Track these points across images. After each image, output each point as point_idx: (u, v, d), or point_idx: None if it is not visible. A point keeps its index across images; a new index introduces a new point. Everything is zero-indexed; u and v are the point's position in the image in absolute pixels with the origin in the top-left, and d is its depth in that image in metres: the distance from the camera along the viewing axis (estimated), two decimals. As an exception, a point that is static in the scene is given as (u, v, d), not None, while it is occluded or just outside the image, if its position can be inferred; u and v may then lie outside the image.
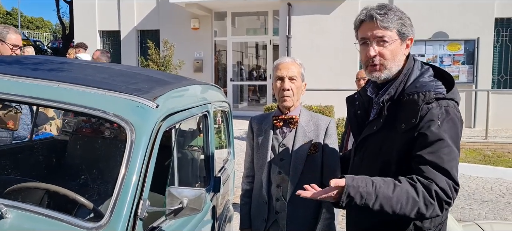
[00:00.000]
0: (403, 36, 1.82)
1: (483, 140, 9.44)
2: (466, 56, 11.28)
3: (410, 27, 1.83)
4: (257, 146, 2.52)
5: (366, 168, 1.89)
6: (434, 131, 1.68)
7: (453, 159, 1.69)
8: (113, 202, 1.61)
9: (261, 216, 2.50)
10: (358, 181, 1.69)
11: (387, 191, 1.66)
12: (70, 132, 3.42)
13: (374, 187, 1.67)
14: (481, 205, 6.08)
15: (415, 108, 1.72)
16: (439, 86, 1.77)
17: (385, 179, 1.71)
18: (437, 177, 1.66)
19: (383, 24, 1.76)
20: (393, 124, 1.79)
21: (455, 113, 1.74)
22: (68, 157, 3.14)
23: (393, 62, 1.82)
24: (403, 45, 1.84)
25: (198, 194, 1.73)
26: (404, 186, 1.67)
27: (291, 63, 2.44)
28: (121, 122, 1.74)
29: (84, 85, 1.89)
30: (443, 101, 1.73)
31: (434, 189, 1.65)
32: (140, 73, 2.44)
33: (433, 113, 1.70)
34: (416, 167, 1.71)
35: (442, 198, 1.66)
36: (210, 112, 2.69)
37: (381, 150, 1.83)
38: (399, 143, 1.76)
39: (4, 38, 3.48)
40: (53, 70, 2.20)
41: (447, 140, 1.68)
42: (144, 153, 1.72)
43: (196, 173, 2.89)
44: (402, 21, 1.80)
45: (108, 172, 1.88)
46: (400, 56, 1.83)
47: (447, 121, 1.70)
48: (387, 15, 1.77)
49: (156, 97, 1.92)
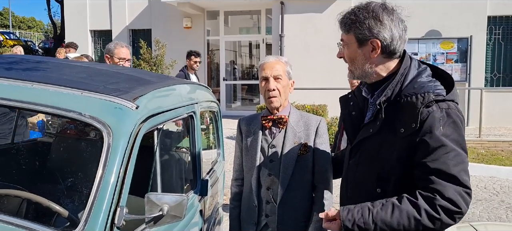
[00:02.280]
0: (360, 40, 1.72)
1: (476, 138, 9.42)
2: (459, 54, 11.26)
3: (373, 29, 1.69)
4: (246, 147, 2.44)
5: (363, 173, 1.82)
6: (436, 136, 1.58)
7: (460, 163, 1.59)
8: (88, 210, 1.51)
9: (251, 220, 2.43)
10: (354, 213, 1.65)
11: (385, 216, 1.60)
12: (54, 133, 3.31)
13: (371, 214, 1.62)
14: (475, 204, 6.04)
15: (414, 112, 1.63)
16: (438, 87, 1.67)
17: (384, 202, 1.64)
18: (444, 187, 1.56)
19: (341, 28, 1.76)
20: (392, 127, 1.69)
21: (457, 114, 1.64)
22: (51, 160, 3.03)
23: (353, 66, 1.78)
24: (363, 49, 1.73)
25: (179, 200, 1.63)
26: (404, 206, 1.60)
27: (275, 62, 2.36)
28: (97, 124, 1.64)
29: (60, 86, 1.79)
30: (443, 103, 1.63)
31: (438, 203, 1.56)
32: (122, 72, 2.33)
33: (434, 117, 1.60)
34: (420, 177, 1.62)
35: (450, 209, 1.56)
36: (197, 113, 2.60)
37: (379, 154, 1.73)
38: (399, 147, 1.67)
39: (112, 54, 3.83)
40: (28, 69, 2.09)
41: (451, 144, 1.58)
42: (122, 157, 1.62)
43: (182, 176, 2.80)
44: (357, 24, 1.70)
45: (88, 177, 1.78)
46: (361, 60, 1.75)
47: (449, 124, 1.60)
48: (346, 18, 1.74)
49: (136, 97, 1.82)
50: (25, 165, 2.75)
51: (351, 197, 1.87)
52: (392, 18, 1.69)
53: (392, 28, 1.69)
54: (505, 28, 11.45)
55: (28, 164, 2.74)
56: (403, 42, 1.73)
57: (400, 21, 1.72)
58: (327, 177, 2.37)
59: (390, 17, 1.69)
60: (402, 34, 1.72)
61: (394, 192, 1.67)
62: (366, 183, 1.79)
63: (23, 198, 2.04)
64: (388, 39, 1.69)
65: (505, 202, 6.20)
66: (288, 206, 2.33)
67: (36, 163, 2.84)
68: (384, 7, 1.70)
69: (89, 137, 2.94)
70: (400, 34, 1.71)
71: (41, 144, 3.29)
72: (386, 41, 1.69)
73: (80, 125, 3.08)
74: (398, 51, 1.73)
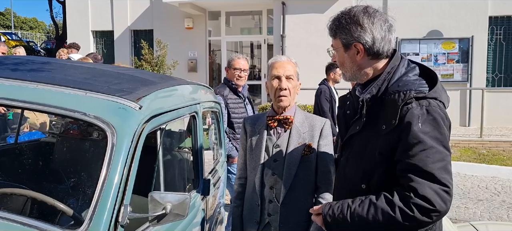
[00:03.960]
0: (345, 45, 1.79)
1: (478, 138, 9.42)
2: (460, 54, 11.26)
3: (354, 33, 1.74)
4: (250, 147, 2.46)
5: (351, 169, 1.85)
6: (414, 133, 1.59)
7: (439, 160, 1.58)
8: (92, 208, 1.54)
9: (254, 218, 2.44)
10: (334, 208, 1.72)
11: (362, 212, 1.65)
12: (57, 133, 3.33)
13: (349, 210, 1.68)
14: (476, 204, 6.05)
15: (395, 108, 1.65)
16: (422, 85, 1.69)
17: (364, 198, 1.68)
18: (419, 184, 1.56)
19: (329, 33, 1.85)
20: (375, 124, 1.72)
21: (438, 112, 1.63)
22: (55, 160, 3.06)
23: (343, 69, 1.87)
24: (349, 53, 1.79)
25: (182, 199, 1.65)
26: (380, 203, 1.63)
27: (287, 62, 2.39)
28: (101, 124, 1.67)
29: (64, 86, 1.81)
30: (424, 100, 1.64)
31: (412, 201, 1.56)
32: (125, 73, 2.36)
33: (413, 114, 1.61)
34: (399, 174, 1.64)
35: (424, 207, 1.55)
36: (199, 113, 2.62)
37: (365, 150, 1.76)
38: (381, 144, 1.68)
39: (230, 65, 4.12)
40: (33, 70, 2.12)
41: (429, 141, 1.58)
42: (126, 157, 1.64)
43: (185, 176, 2.82)
44: (341, 29, 1.78)
45: (92, 176, 1.80)
46: (348, 63, 1.82)
47: (428, 121, 1.60)
48: (332, 24, 1.82)
49: (140, 98, 1.84)
50: (29, 165, 2.77)
51: (340, 192, 1.93)
52: (372, 21, 1.73)
53: (373, 31, 1.73)
54: (506, 28, 11.43)
55: (31, 164, 2.77)
56: (388, 43, 1.76)
57: (383, 22, 1.75)
58: (329, 178, 2.39)
59: (371, 20, 1.73)
60: (385, 35, 1.75)
61: (378, 188, 1.69)
62: (353, 179, 1.82)
63: (28, 197, 2.07)
64: (370, 42, 1.74)
65: (507, 202, 6.20)
66: (290, 206, 2.34)
67: (40, 162, 2.87)
68: (365, 11, 1.75)
69: (92, 137, 2.96)
70: (383, 35, 1.74)
71: (45, 144, 3.32)
72: (367, 44, 1.74)
73: (83, 125, 3.11)
74: (384, 52, 1.77)
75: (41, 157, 3.01)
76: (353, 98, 1.95)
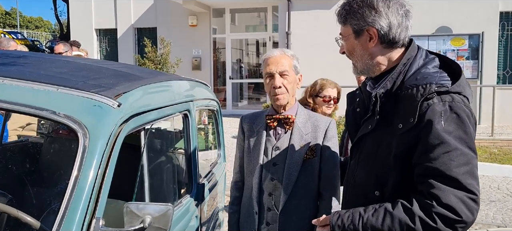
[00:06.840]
0: (356, 31, 1.60)
1: (489, 137, 9.22)
2: (470, 51, 11.02)
3: (367, 18, 1.55)
4: (248, 148, 2.26)
5: (361, 174, 1.66)
6: (436, 132, 1.40)
7: (465, 164, 1.39)
8: (58, 221, 1.33)
9: (251, 227, 2.24)
10: (344, 218, 1.53)
11: (376, 223, 1.46)
12: (46, 133, 3.14)
13: (361, 220, 1.48)
14: (488, 205, 5.83)
15: (413, 104, 1.45)
16: (443, 78, 1.49)
17: (377, 207, 1.49)
18: (442, 191, 1.37)
19: (338, 20, 1.68)
20: (390, 123, 1.52)
21: (462, 108, 1.43)
22: (41, 162, 2.86)
23: (353, 59, 1.67)
24: (361, 40, 1.59)
25: (164, 211, 1.44)
26: (397, 212, 1.43)
27: (280, 56, 2.16)
28: (72, 124, 1.45)
29: (35, 81, 1.61)
30: (447, 95, 1.44)
31: (435, 210, 1.38)
32: (109, 68, 2.14)
33: (434, 110, 1.41)
34: (418, 179, 1.45)
35: (448, 217, 1.37)
36: (192, 111, 2.41)
37: (378, 152, 1.57)
38: (397, 145, 1.49)
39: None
40: (3, 64, 1.91)
41: (454, 142, 1.39)
42: (100, 161, 1.43)
43: (177, 180, 2.61)
44: (352, 14, 1.59)
45: (61, 183, 1.60)
46: (359, 52, 1.61)
47: (452, 119, 1.41)
48: (341, 10, 1.65)
49: (119, 94, 1.63)
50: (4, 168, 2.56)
51: (349, 200, 1.74)
52: (388, 4, 1.55)
53: (389, 15, 1.54)
54: (517, 24, 11.19)
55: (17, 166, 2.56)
56: (404, 29, 1.57)
57: (399, 6, 1.56)
58: (334, 184, 2.18)
59: (386, 4, 1.55)
60: (402, 21, 1.56)
61: (393, 195, 1.51)
62: (365, 185, 1.63)
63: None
64: (386, 28, 1.54)
65: (521, 203, 5.98)
66: (290, 214, 2.14)
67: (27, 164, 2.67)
68: None
69: (62, 138, 2.76)
70: (400, 21, 1.55)
71: (31, 146, 3.12)
72: (383, 29, 1.55)
73: (54, 125, 2.89)
74: (400, 39, 1.57)
75: (30, 158, 2.80)
76: (364, 95, 1.74)
